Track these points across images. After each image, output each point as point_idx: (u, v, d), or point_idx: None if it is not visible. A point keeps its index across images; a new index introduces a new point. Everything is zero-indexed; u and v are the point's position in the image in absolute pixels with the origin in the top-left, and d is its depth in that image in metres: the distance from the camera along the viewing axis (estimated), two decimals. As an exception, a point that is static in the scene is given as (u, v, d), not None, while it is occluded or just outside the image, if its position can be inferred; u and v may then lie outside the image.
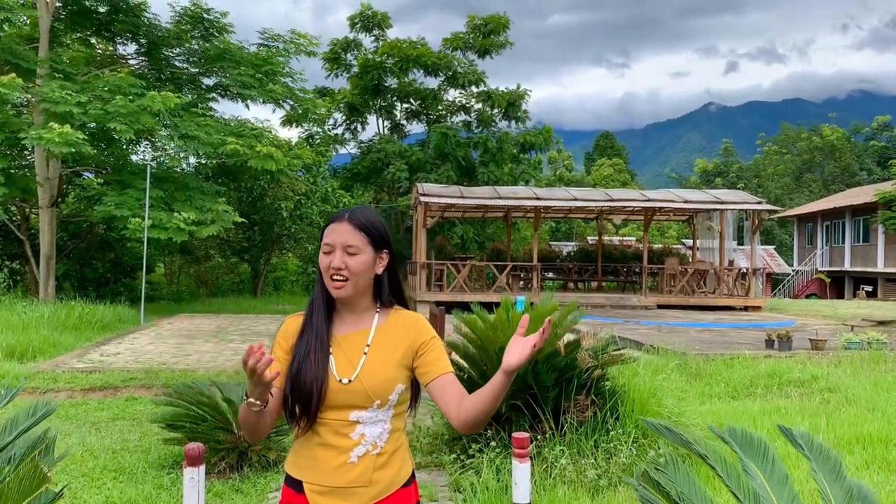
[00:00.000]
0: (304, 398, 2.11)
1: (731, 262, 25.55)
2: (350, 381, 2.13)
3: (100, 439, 7.09)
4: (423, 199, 22.58)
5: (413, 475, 2.26)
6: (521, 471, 4.38)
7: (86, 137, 17.06)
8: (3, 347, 11.59)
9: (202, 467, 4.22)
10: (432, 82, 33.94)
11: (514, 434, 4.52)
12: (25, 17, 20.41)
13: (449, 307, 13.61)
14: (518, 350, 2.01)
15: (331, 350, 2.17)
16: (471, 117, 34.99)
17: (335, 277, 2.16)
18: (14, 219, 22.30)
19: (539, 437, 5.84)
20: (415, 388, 2.30)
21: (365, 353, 2.17)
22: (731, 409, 8.01)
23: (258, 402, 2.07)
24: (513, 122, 34.61)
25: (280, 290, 32.29)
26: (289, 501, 2.19)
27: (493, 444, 5.82)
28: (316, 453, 2.15)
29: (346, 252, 2.15)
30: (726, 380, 9.62)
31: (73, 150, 16.72)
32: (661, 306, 22.76)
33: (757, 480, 2.33)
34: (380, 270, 2.23)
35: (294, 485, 2.18)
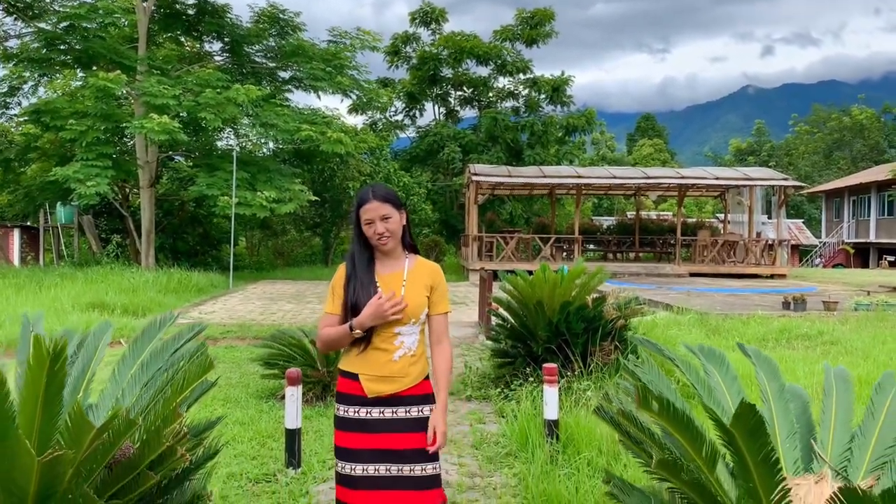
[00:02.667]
0: None
1: (758, 235, 25.59)
2: None
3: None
4: (474, 178, 23.15)
5: (428, 375, 2.99)
6: (550, 393, 5.06)
7: (179, 126, 18.04)
8: (120, 306, 12.64)
9: (299, 387, 4.99)
10: (483, 71, 34.39)
11: (545, 365, 5.19)
12: (125, 20, 21.46)
13: (497, 274, 14.24)
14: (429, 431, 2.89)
15: (378, 285, 2.89)
16: (519, 103, 35.33)
17: (381, 239, 2.86)
18: (116, 198, 23.54)
19: (569, 374, 6.47)
20: None
21: (403, 286, 2.90)
22: (741, 358, 8.48)
23: (363, 332, 2.83)
24: (558, 107, 34.84)
25: (347, 261, 33.19)
26: (347, 386, 2.92)
27: (531, 379, 6.46)
28: (369, 355, 2.88)
29: (383, 220, 2.85)
30: (741, 335, 10.06)
31: (170, 137, 17.73)
32: (693, 274, 23.00)
33: (713, 378, 2.93)
34: (405, 222, 2.95)
35: (350, 376, 2.91)
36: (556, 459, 4.70)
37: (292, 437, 4.88)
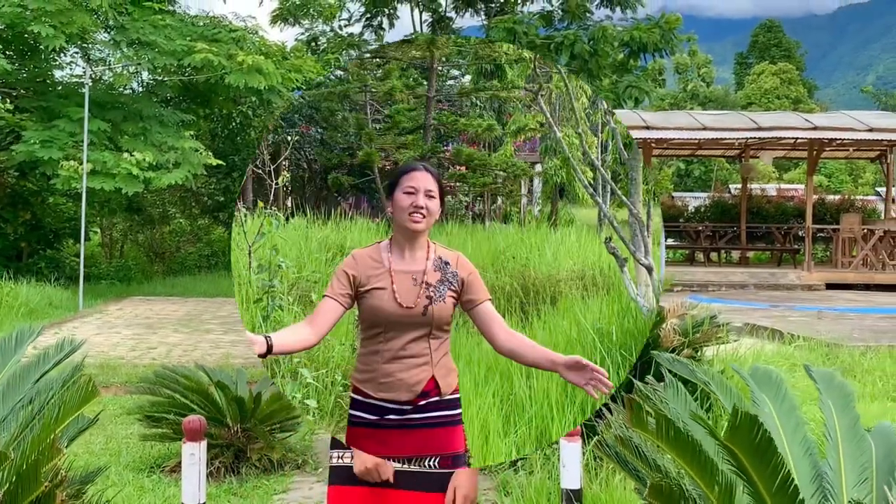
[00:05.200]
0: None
1: (942, 221, 26.32)
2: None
3: (55, 442, 8.62)
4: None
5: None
6: (570, 451, 5.79)
7: (-1, 47, 18.69)
8: None
9: (203, 443, 5.67)
10: (494, -49, 34.97)
11: (563, 411, 5.91)
12: None
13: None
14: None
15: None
16: (552, 5, 35.81)
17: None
18: None
19: (602, 428, 7.21)
20: None
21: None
22: (883, 410, 9.20)
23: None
24: (617, 10, 35.31)
25: (271, 267, 33.30)
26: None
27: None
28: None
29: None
30: (890, 375, 10.77)
31: (-18, 64, 18.38)
32: (831, 286, 23.67)
33: (764, 407, 3.71)
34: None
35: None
36: (577, 547, 5.44)
37: (193, 518, 5.56)
